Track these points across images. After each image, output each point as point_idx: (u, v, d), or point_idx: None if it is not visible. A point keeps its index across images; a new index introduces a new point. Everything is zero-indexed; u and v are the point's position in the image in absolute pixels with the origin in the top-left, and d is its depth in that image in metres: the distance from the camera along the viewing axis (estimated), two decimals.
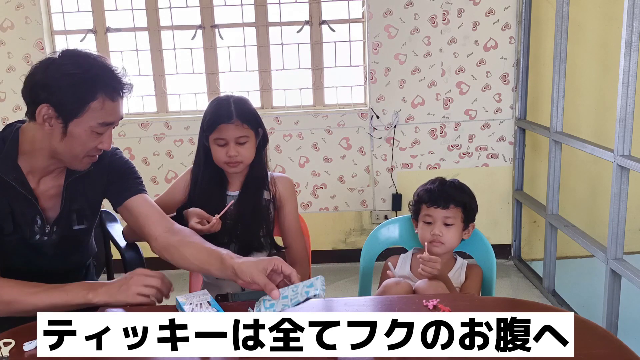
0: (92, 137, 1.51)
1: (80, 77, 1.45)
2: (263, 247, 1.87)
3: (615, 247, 2.54)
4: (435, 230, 1.87)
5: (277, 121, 3.59)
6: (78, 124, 1.47)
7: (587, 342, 1.31)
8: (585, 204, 3.66)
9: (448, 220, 1.87)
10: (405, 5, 3.47)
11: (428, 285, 1.72)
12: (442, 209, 1.87)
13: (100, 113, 1.48)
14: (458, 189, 1.92)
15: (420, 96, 3.58)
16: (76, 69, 1.45)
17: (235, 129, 1.77)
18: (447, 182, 1.94)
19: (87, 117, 1.47)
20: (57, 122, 1.47)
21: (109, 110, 1.49)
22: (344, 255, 3.73)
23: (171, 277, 1.66)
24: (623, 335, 2.49)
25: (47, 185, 1.60)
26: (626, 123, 2.44)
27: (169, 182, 3.54)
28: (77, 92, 1.44)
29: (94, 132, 1.50)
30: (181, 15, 3.59)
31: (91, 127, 1.48)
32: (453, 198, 1.88)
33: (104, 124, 1.50)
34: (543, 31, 3.44)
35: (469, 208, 1.90)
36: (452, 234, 1.88)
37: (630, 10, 2.37)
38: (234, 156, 1.78)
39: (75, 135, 1.48)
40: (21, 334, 1.39)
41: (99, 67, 1.48)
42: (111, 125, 1.53)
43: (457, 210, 1.88)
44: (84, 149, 1.52)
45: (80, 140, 1.49)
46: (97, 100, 1.46)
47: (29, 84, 1.48)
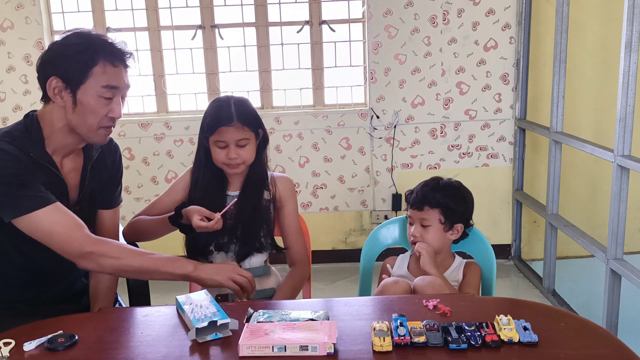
0: (101, 103, 1.57)
1: (81, 46, 1.55)
2: (263, 247, 1.87)
3: (615, 247, 2.54)
4: (413, 231, 1.89)
5: (277, 121, 3.59)
6: (85, 91, 1.55)
7: (587, 342, 1.31)
8: (585, 204, 3.66)
9: (424, 222, 1.87)
10: (405, 5, 3.47)
11: (426, 282, 1.72)
12: (417, 211, 1.88)
13: (103, 77, 1.55)
14: (441, 190, 1.88)
15: (420, 96, 3.58)
16: (77, 39, 1.56)
17: (236, 131, 1.77)
18: (431, 182, 1.91)
19: (92, 82, 1.55)
20: (66, 93, 1.55)
21: (111, 75, 1.56)
22: (344, 255, 3.73)
23: None
24: (623, 335, 2.48)
25: (69, 166, 1.68)
26: (626, 123, 2.44)
27: (169, 182, 3.54)
28: (79, 59, 1.54)
29: (102, 98, 1.56)
30: (181, 15, 3.59)
31: (97, 93, 1.55)
32: (426, 199, 1.86)
33: (108, 87, 1.56)
34: (543, 31, 3.44)
35: (449, 209, 1.87)
36: (431, 235, 1.87)
37: (630, 10, 2.37)
38: (234, 158, 1.78)
39: (85, 102, 1.56)
40: (21, 334, 1.39)
41: (99, 37, 1.60)
42: (117, 89, 1.59)
43: (433, 212, 1.86)
44: (96, 117, 1.58)
45: (90, 108, 1.56)
46: (99, 65, 1.54)
47: (39, 65, 1.58)
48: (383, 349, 1.28)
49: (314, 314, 1.42)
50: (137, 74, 3.64)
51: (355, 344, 1.33)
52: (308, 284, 2.02)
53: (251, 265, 1.88)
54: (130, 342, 1.38)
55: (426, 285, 1.71)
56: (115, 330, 1.45)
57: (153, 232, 1.88)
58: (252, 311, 1.45)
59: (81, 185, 1.70)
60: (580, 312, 2.89)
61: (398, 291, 1.72)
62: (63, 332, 1.39)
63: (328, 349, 1.28)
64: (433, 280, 1.72)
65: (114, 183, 1.81)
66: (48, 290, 1.72)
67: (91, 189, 1.72)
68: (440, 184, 1.91)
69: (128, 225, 1.92)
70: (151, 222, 1.86)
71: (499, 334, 1.31)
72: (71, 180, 1.68)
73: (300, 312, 1.44)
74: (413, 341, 1.29)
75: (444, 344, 1.30)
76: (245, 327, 1.35)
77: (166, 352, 1.33)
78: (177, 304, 1.51)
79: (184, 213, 1.76)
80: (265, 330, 1.33)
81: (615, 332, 2.56)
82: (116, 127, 1.66)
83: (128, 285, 1.85)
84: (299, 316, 1.41)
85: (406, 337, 1.30)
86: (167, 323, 1.47)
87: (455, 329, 1.34)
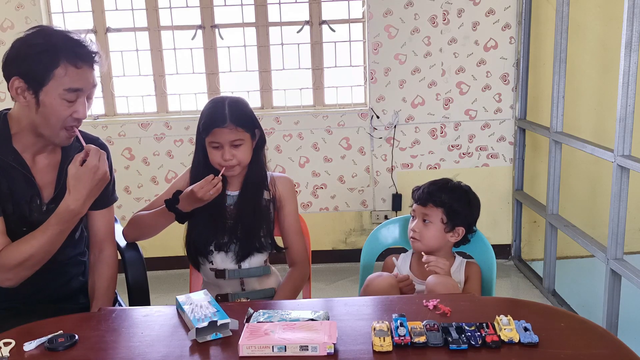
0: (64, 105, 1.54)
1: (43, 46, 1.50)
2: (264, 247, 1.87)
3: (615, 247, 2.54)
4: (412, 225, 1.90)
5: (277, 121, 3.59)
6: (47, 92, 1.52)
7: (587, 342, 1.31)
8: (585, 204, 3.66)
9: (426, 218, 1.88)
10: (405, 5, 3.47)
11: (439, 281, 1.71)
12: (421, 206, 1.89)
13: (65, 79, 1.51)
14: (447, 190, 1.89)
15: (420, 96, 3.58)
16: (39, 39, 1.52)
17: (230, 132, 1.76)
18: (442, 182, 1.92)
19: (54, 84, 1.51)
20: (29, 94, 1.52)
21: (73, 77, 1.52)
22: (344, 255, 3.73)
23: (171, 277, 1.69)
24: (623, 335, 2.48)
25: (43, 162, 1.66)
26: (626, 123, 2.44)
27: (169, 182, 3.53)
28: (41, 60, 1.50)
29: (64, 100, 1.53)
30: (181, 15, 3.59)
31: (59, 95, 1.52)
32: (432, 197, 1.88)
33: (70, 90, 1.53)
34: (543, 31, 3.44)
35: (452, 210, 1.87)
36: (430, 233, 1.87)
37: (630, 10, 2.37)
38: (229, 159, 1.78)
39: (47, 104, 1.53)
40: (21, 334, 1.39)
41: (62, 36, 1.54)
42: (80, 91, 1.55)
43: (436, 210, 1.87)
44: (59, 118, 1.55)
45: (52, 109, 1.53)
46: (61, 67, 1.51)
47: (2, 64, 1.55)
48: (383, 349, 1.28)
49: (314, 314, 1.42)
50: (137, 74, 3.64)
51: (355, 344, 1.33)
52: (308, 284, 2.02)
53: (251, 265, 1.88)
54: (130, 342, 1.38)
55: (438, 282, 1.70)
56: (115, 330, 1.45)
57: (152, 226, 1.87)
58: (252, 311, 1.45)
59: (57, 182, 1.67)
60: (580, 312, 2.89)
61: (383, 284, 1.73)
62: (63, 332, 1.39)
63: (328, 349, 1.28)
64: (446, 281, 1.71)
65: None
66: (43, 289, 1.71)
67: None
68: (449, 185, 1.92)
69: (127, 224, 1.92)
70: (149, 215, 1.86)
71: (499, 334, 1.31)
72: (44, 177, 1.65)
73: (300, 312, 1.44)
74: (413, 341, 1.29)
75: (444, 344, 1.30)
76: (245, 327, 1.35)
77: (166, 352, 1.33)
78: (177, 304, 1.51)
79: (181, 199, 1.76)
80: (265, 330, 1.33)
81: (615, 332, 2.55)
82: (116, 127, 1.65)
83: (128, 285, 1.85)
84: (299, 316, 1.41)
85: (406, 337, 1.30)
86: (167, 323, 1.47)
87: (456, 329, 1.34)
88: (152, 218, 1.86)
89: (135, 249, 1.91)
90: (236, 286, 1.89)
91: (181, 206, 1.76)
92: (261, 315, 1.42)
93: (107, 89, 3.65)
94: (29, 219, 1.63)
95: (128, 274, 1.85)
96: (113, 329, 1.46)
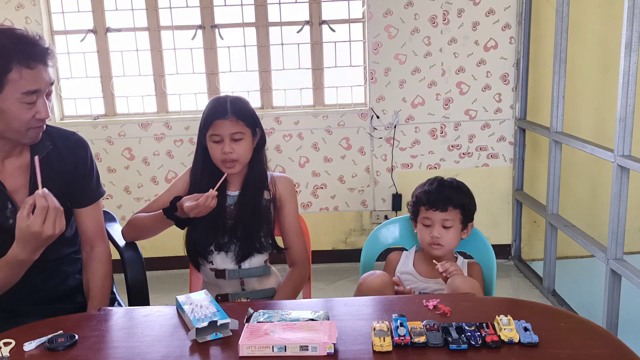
0: (24, 108, 1.50)
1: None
2: (264, 247, 1.87)
3: (615, 247, 2.54)
4: (434, 233, 1.87)
5: (277, 121, 3.59)
6: (4, 99, 1.46)
7: (587, 342, 1.31)
8: (586, 204, 3.66)
9: (447, 223, 1.87)
10: (405, 5, 3.47)
11: (463, 282, 1.70)
12: (440, 212, 1.87)
13: (20, 83, 1.46)
14: (456, 189, 1.91)
15: (420, 96, 3.58)
16: None
17: (230, 124, 1.78)
18: (445, 182, 1.93)
19: (10, 90, 1.46)
20: None
21: (29, 79, 1.47)
22: (344, 255, 3.73)
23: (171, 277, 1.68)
24: (623, 335, 2.49)
25: (14, 164, 1.62)
26: (626, 123, 2.44)
27: (169, 182, 3.54)
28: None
29: (24, 103, 1.49)
30: (181, 15, 3.59)
31: (18, 99, 1.47)
32: (451, 200, 1.87)
33: (28, 93, 1.48)
34: (543, 31, 3.44)
35: (467, 209, 1.90)
36: (451, 236, 1.87)
37: (630, 10, 2.37)
38: (228, 152, 1.78)
39: (6, 110, 1.48)
40: (21, 334, 1.39)
41: (8, 37, 1.47)
42: (38, 92, 1.50)
43: (455, 212, 1.87)
44: (22, 122, 1.51)
45: (13, 114, 1.49)
46: (14, 71, 1.45)
47: None
48: (383, 349, 1.28)
49: (314, 314, 1.42)
50: (137, 74, 3.64)
51: (355, 344, 1.33)
52: (308, 284, 2.02)
53: (251, 265, 1.88)
54: (130, 342, 1.38)
55: (463, 283, 1.69)
56: (115, 330, 1.45)
57: (150, 228, 1.88)
58: (252, 311, 1.45)
59: (30, 184, 1.62)
60: (580, 312, 2.90)
61: (376, 282, 1.73)
62: (63, 332, 1.39)
63: (328, 349, 1.28)
64: (472, 283, 1.71)
65: (82, 180, 1.72)
66: (40, 289, 1.70)
67: (47, 188, 1.62)
68: (454, 184, 1.92)
69: (126, 224, 1.92)
70: (148, 218, 1.86)
71: (499, 334, 1.31)
72: (16, 181, 1.62)
73: (300, 312, 1.44)
74: (413, 341, 1.29)
75: (444, 344, 1.29)
76: (245, 327, 1.35)
77: (166, 352, 1.33)
78: (177, 304, 1.51)
79: (179, 206, 1.76)
80: (265, 330, 1.33)
81: (615, 332, 2.55)
82: (116, 127, 1.64)
83: (127, 285, 1.85)
84: (299, 316, 1.41)
85: (406, 337, 1.30)
86: (167, 323, 1.46)
87: (456, 329, 1.34)
88: (150, 221, 1.86)
89: (135, 249, 1.91)
90: (236, 286, 1.89)
91: (179, 213, 1.76)
92: (261, 315, 1.42)
93: (107, 89, 3.65)
94: (4, 227, 1.60)
95: (127, 274, 1.85)
96: (113, 329, 1.46)
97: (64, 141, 1.70)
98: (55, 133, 1.69)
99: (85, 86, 3.65)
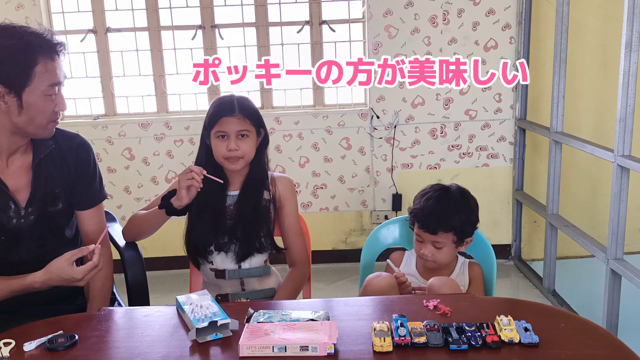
0: (48, 101, 1.54)
1: (17, 47, 1.48)
2: (263, 247, 1.87)
3: (615, 247, 2.54)
4: (425, 251, 1.84)
5: (277, 121, 3.59)
6: (31, 92, 1.51)
7: (587, 342, 1.32)
8: (586, 204, 3.66)
9: (437, 245, 1.83)
10: (406, 5, 3.47)
11: (443, 282, 1.71)
12: (430, 234, 1.82)
13: (46, 75, 1.52)
14: (453, 208, 1.81)
15: (420, 96, 3.58)
16: (9, 40, 1.49)
17: (237, 122, 1.79)
18: (443, 198, 1.83)
19: (37, 82, 1.51)
20: (10, 98, 1.50)
21: (53, 72, 1.53)
22: (344, 256, 3.73)
23: (171, 277, 1.68)
24: (623, 335, 2.48)
25: (16, 164, 1.64)
26: (626, 123, 2.44)
27: (169, 182, 3.55)
28: (18, 61, 1.48)
29: (48, 96, 1.54)
30: (181, 15, 3.58)
31: (43, 92, 1.52)
32: (441, 225, 1.80)
33: (53, 85, 1.54)
34: (543, 31, 3.44)
35: (462, 230, 1.83)
36: (443, 254, 1.84)
37: (630, 10, 2.36)
38: (234, 149, 1.79)
39: (32, 103, 1.52)
40: (21, 334, 1.39)
41: (29, 33, 1.52)
42: (59, 85, 1.56)
43: (447, 235, 1.82)
44: (45, 114, 1.56)
45: (39, 108, 1.53)
46: (40, 64, 1.50)
47: None
48: (383, 350, 1.28)
49: (314, 314, 1.42)
50: (137, 74, 3.64)
51: (355, 344, 1.33)
52: (308, 284, 2.02)
53: (251, 265, 1.88)
54: (130, 342, 1.38)
55: (443, 284, 1.69)
56: (115, 330, 1.45)
57: (149, 224, 1.88)
58: (252, 311, 1.45)
59: (33, 183, 1.64)
60: (580, 312, 2.89)
61: (382, 284, 1.72)
62: (63, 332, 1.39)
63: (328, 349, 1.28)
64: (451, 282, 1.71)
65: (84, 182, 1.73)
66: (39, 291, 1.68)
67: (49, 188, 1.67)
68: (454, 198, 1.83)
69: (126, 223, 1.93)
70: (147, 214, 1.87)
71: (499, 334, 1.31)
72: (19, 181, 1.63)
73: (301, 312, 1.44)
74: (413, 341, 1.29)
75: (444, 345, 1.30)
76: (246, 327, 1.35)
77: (166, 352, 1.33)
78: (177, 304, 1.51)
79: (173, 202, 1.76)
80: (265, 330, 1.33)
81: (615, 332, 2.55)
82: (116, 127, 1.66)
83: (127, 285, 1.85)
84: (299, 316, 1.41)
85: (406, 338, 1.30)
86: (167, 323, 1.47)
87: (456, 329, 1.34)
88: (149, 216, 1.87)
89: (135, 249, 1.91)
90: (236, 286, 1.89)
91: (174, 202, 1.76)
92: (261, 315, 1.42)
93: (107, 89, 3.64)
94: (6, 227, 1.60)
95: (128, 274, 1.85)
96: (113, 329, 1.46)
97: (67, 143, 1.71)
98: (58, 134, 1.70)
99: (85, 86, 3.65)
